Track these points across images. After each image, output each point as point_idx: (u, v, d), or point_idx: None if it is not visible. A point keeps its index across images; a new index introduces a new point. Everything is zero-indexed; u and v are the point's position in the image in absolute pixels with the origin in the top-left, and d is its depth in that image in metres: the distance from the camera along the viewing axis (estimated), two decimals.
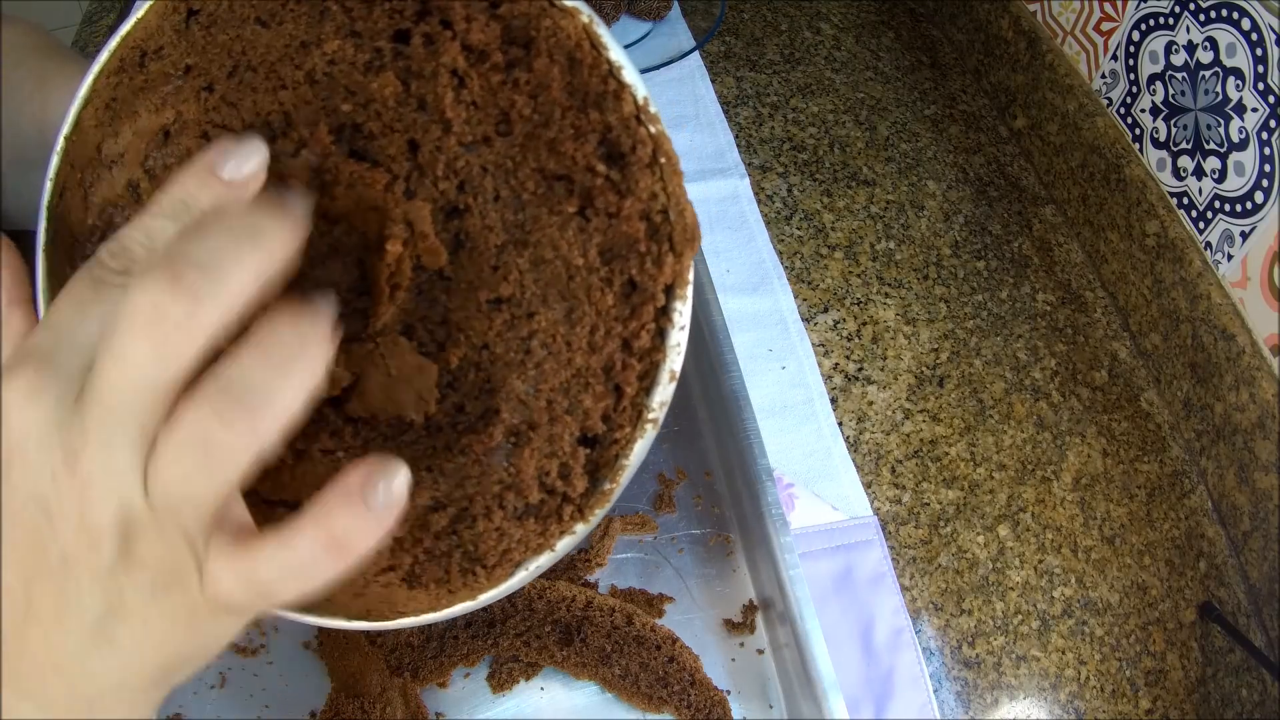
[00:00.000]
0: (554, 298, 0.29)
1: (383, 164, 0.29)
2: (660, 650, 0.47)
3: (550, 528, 0.29)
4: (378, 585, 0.31)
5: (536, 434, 0.29)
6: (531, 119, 0.28)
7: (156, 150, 0.32)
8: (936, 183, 0.76)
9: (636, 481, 0.55)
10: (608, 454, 0.29)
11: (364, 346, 0.30)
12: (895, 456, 0.60)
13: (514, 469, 0.29)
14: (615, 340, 0.29)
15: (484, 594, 0.30)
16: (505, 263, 0.29)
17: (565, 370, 0.29)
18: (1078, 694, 0.53)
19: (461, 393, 0.30)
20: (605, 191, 0.28)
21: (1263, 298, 0.58)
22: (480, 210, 0.29)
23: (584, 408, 0.29)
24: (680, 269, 0.28)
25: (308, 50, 0.30)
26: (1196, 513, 0.61)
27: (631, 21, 0.84)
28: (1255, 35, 0.56)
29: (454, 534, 0.30)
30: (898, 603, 0.54)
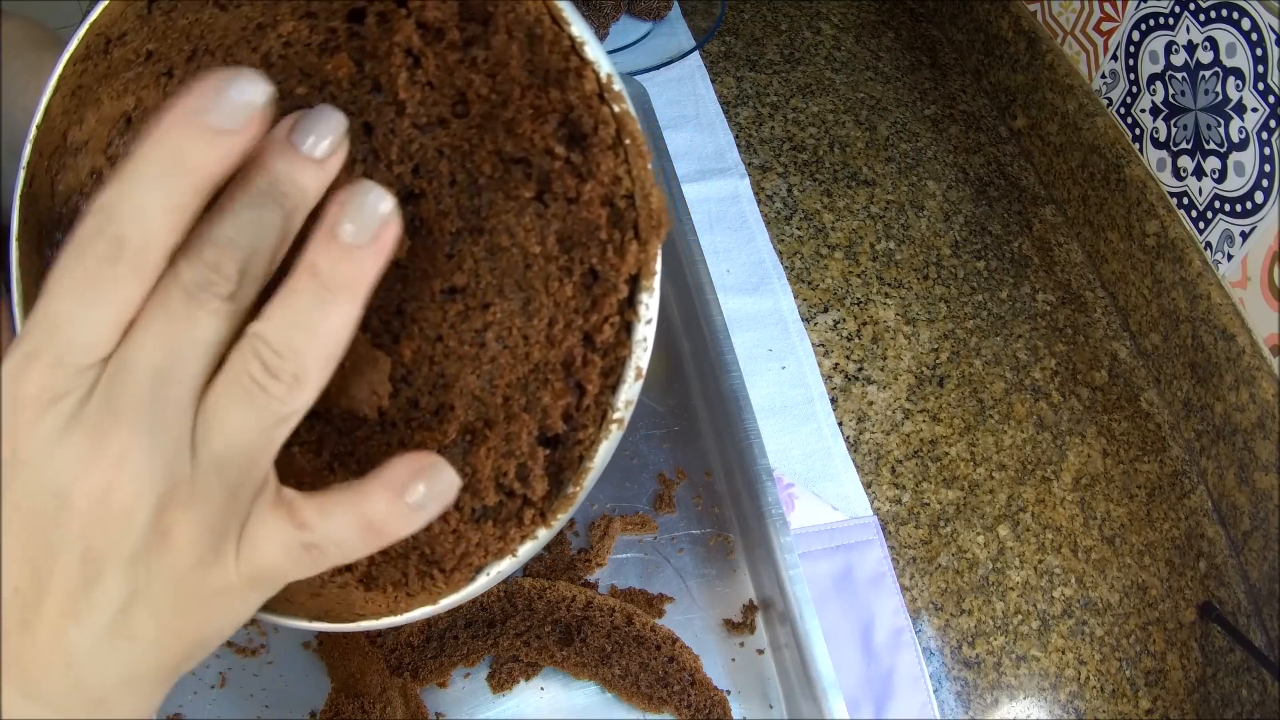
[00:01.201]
0: (510, 288, 0.27)
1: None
2: (660, 650, 0.47)
3: (510, 532, 0.28)
4: (334, 586, 0.30)
5: (493, 432, 0.28)
6: (489, 99, 0.27)
7: (119, 137, 0.31)
8: (936, 183, 0.76)
9: (636, 481, 0.55)
10: (570, 455, 0.28)
11: None
12: (895, 456, 0.60)
13: (469, 469, 0.28)
14: (575, 334, 0.27)
15: (444, 598, 0.29)
16: (460, 251, 0.27)
17: (522, 365, 0.27)
18: (1078, 694, 0.53)
19: (415, 387, 0.28)
20: (564, 175, 0.26)
21: (1263, 298, 0.58)
22: (435, 195, 0.28)
23: (543, 405, 0.27)
24: (645, 258, 0.26)
25: (264, 32, 0.29)
26: (1196, 513, 0.61)
27: (631, 21, 0.84)
28: (1255, 35, 0.56)
29: (409, 536, 0.28)
30: (898, 603, 0.54)
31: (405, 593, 0.29)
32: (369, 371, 0.29)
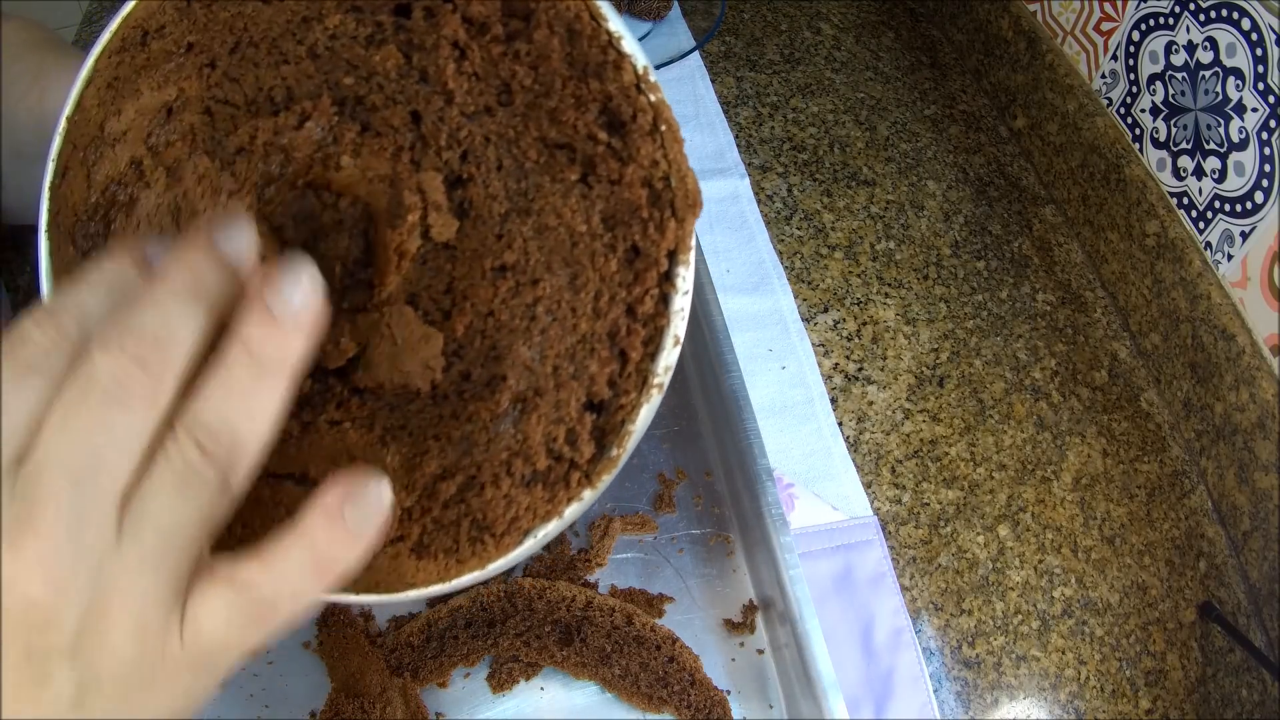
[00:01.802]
0: (558, 264, 0.29)
1: (386, 135, 0.30)
2: (660, 650, 0.47)
3: (558, 494, 0.29)
4: (386, 557, 0.31)
5: (543, 400, 0.29)
6: (532, 89, 0.29)
7: (159, 127, 0.32)
8: (936, 183, 0.76)
9: (636, 481, 0.55)
10: (614, 420, 0.29)
11: (369, 317, 0.30)
12: (895, 456, 0.60)
13: (521, 435, 0.29)
14: (620, 306, 0.29)
15: (493, 563, 0.30)
16: (509, 231, 0.29)
17: (570, 336, 0.29)
18: (1078, 694, 0.53)
19: (467, 360, 0.30)
20: (607, 159, 0.28)
21: (1263, 298, 0.58)
22: (483, 179, 0.29)
23: (590, 373, 0.29)
24: (683, 234, 0.28)
25: (309, 25, 0.30)
26: (1196, 513, 0.61)
27: (631, 21, 0.84)
28: (1255, 35, 0.56)
29: (462, 502, 0.30)
30: (898, 603, 0.54)
31: (455, 559, 0.30)
32: (421, 348, 0.30)
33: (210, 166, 0.32)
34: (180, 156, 0.32)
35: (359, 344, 0.31)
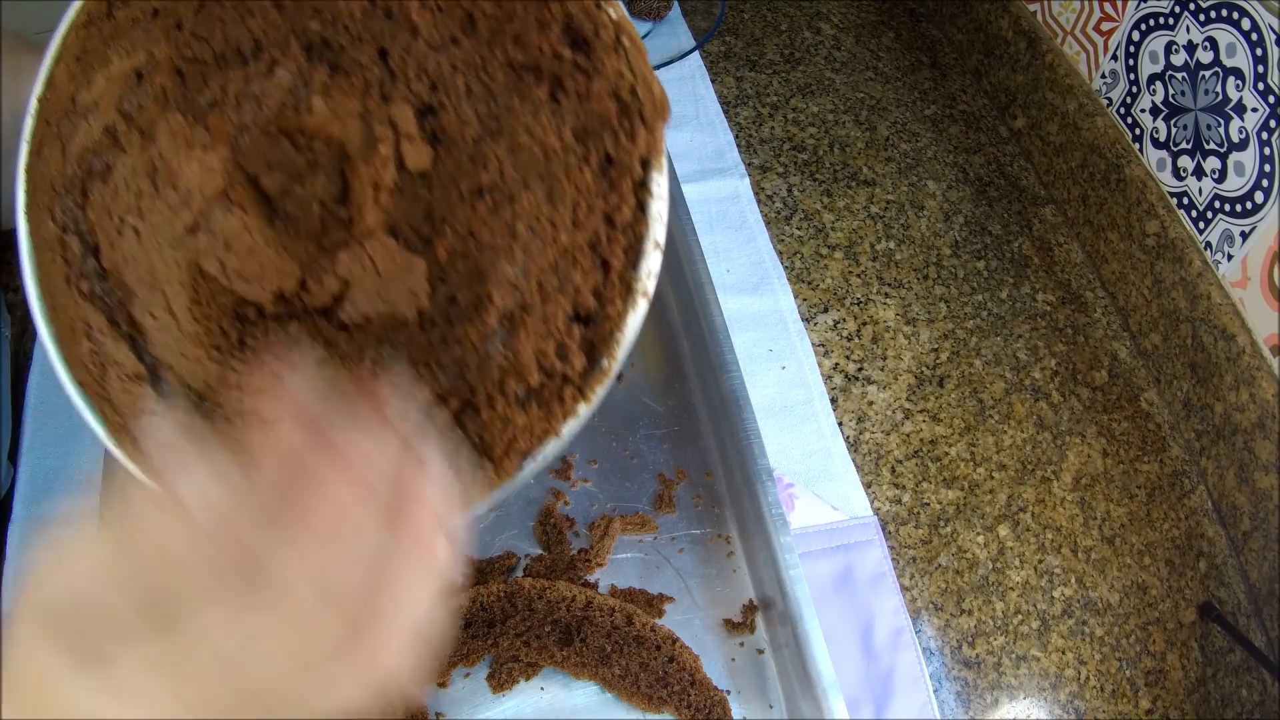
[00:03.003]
0: (534, 180, 0.29)
1: (355, 74, 0.31)
2: (660, 650, 0.47)
3: (554, 410, 0.30)
4: None
5: (530, 315, 0.30)
6: (495, 16, 0.29)
7: (131, 93, 0.32)
8: (936, 183, 0.76)
9: (636, 481, 0.55)
10: (602, 330, 0.30)
11: (351, 251, 0.31)
12: (895, 456, 0.60)
13: (512, 353, 0.30)
14: (598, 215, 0.29)
15: (495, 489, 0.30)
16: (483, 153, 0.30)
17: (552, 249, 0.29)
18: (1078, 694, 0.53)
19: (452, 284, 0.30)
20: (573, 74, 0.29)
21: (1263, 298, 0.58)
22: (454, 106, 0.30)
23: (574, 284, 0.29)
24: (654, 141, 0.29)
25: None
26: (1196, 513, 0.61)
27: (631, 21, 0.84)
28: (1255, 35, 0.56)
29: (460, 427, 0.30)
30: (898, 603, 0.54)
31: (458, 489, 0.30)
32: (405, 276, 0.30)
33: (183, 122, 0.32)
34: (153, 118, 0.32)
35: (342, 280, 0.31)
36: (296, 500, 0.24)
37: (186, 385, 0.32)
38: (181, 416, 0.32)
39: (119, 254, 0.33)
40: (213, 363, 0.32)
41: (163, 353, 0.33)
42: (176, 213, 0.32)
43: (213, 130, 0.32)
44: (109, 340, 0.33)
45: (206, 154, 0.32)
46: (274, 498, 0.25)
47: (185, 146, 0.32)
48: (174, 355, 0.32)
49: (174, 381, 0.33)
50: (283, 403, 0.27)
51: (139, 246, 0.32)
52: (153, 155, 0.32)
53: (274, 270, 0.32)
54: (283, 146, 0.31)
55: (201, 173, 0.32)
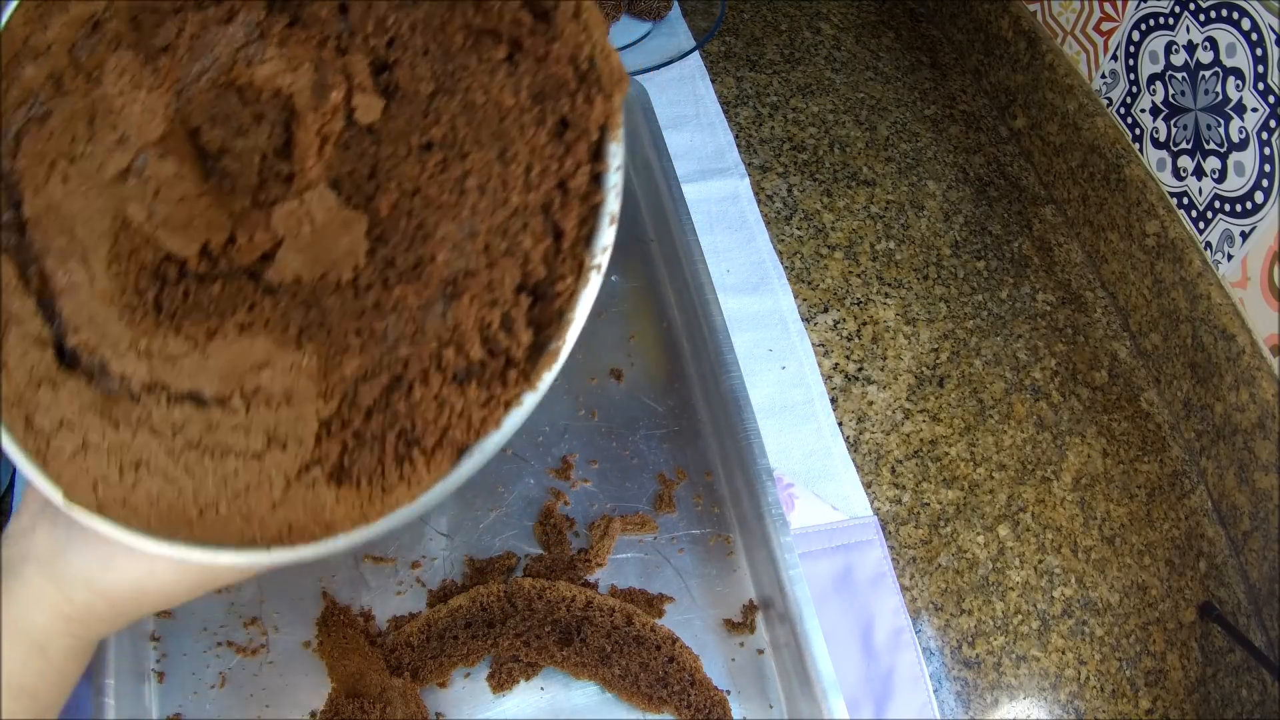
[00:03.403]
0: (487, 138, 0.29)
1: (314, 26, 0.30)
2: (660, 650, 0.47)
3: (495, 395, 0.27)
4: (301, 487, 0.28)
5: (475, 281, 0.28)
6: None
7: (85, 39, 0.32)
8: (936, 183, 0.76)
9: (636, 481, 0.55)
10: (551, 308, 0.28)
11: (288, 205, 0.29)
12: (895, 456, 0.60)
13: (452, 321, 0.28)
14: (551, 179, 0.28)
15: (423, 491, 0.27)
16: (436, 109, 0.29)
17: (502, 210, 0.28)
18: (1078, 694, 0.53)
19: (392, 244, 0.29)
20: (533, 35, 0.28)
21: (1263, 298, 0.58)
22: (410, 62, 0.29)
23: (524, 249, 0.28)
24: (610, 109, 0.28)
25: None
26: (1196, 513, 0.61)
27: (631, 21, 0.84)
28: (1255, 35, 0.56)
29: (388, 408, 0.28)
30: (898, 603, 0.54)
31: (381, 486, 0.28)
32: (342, 234, 0.29)
33: (133, 60, 0.31)
34: (103, 59, 0.31)
35: (274, 238, 0.29)
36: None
37: (91, 351, 0.30)
38: (83, 390, 0.30)
39: (43, 200, 0.31)
40: (123, 324, 0.30)
41: (71, 312, 0.30)
42: (110, 155, 0.31)
43: (161, 72, 0.31)
44: (16, 297, 0.31)
45: (151, 95, 0.31)
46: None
47: (131, 86, 0.31)
48: (82, 315, 0.30)
49: (80, 347, 0.30)
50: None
51: (64, 192, 0.31)
52: (95, 98, 0.31)
53: (203, 221, 0.30)
54: (229, 100, 0.30)
55: (142, 114, 0.31)
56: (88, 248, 0.30)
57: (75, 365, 0.30)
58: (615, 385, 0.59)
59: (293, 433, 0.28)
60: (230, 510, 0.28)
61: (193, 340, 0.30)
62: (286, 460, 0.28)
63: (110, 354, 0.30)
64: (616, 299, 0.63)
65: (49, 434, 0.30)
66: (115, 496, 0.29)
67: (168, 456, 0.29)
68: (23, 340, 0.30)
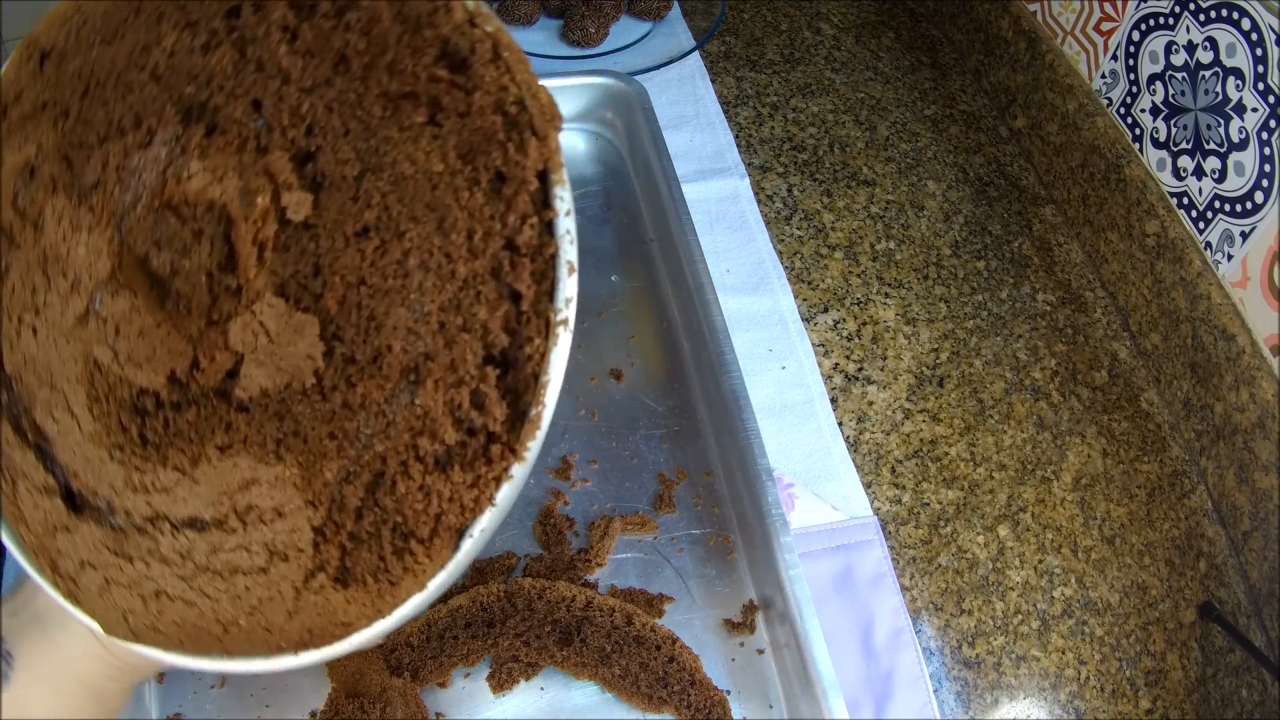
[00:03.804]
0: (421, 211, 0.27)
1: (231, 130, 0.30)
2: (660, 650, 0.47)
3: (482, 474, 0.27)
4: (310, 594, 0.29)
5: (436, 362, 0.27)
6: (368, 51, 0.28)
7: (24, 187, 0.32)
8: (936, 183, 0.76)
9: (636, 481, 0.55)
10: (523, 374, 0.27)
11: (241, 320, 0.29)
12: (895, 456, 0.60)
13: (421, 409, 0.27)
14: (497, 240, 0.27)
15: (430, 578, 0.27)
16: (365, 190, 0.28)
17: (450, 284, 0.27)
18: (1078, 694, 0.53)
19: (348, 341, 0.28)
20: (451, 92, 0.27)
21: (1263, 298, 0.58)
22: (332, 146, 0.28)
23: (480, 321, 0.27)
24: (548, 151, 0.27)
25: (149, 51, 0.30)
26: (1196, 513, 0.61)
27: (631, 21, 0.84)
28: (1255, 35, 0.56)
29: (376, 505, 0.28)
30: (898, 603, 0.54)
31: (388, 580, 0.28)
32: (297, 339, 0.28)
33: (67, 204, 0.31)
34: (42, 207, 0.31)
35: (235, 354, 0.29)
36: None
37: (94, 493, 0.31)
38: (94, 531, 0.31)
39: (19, 355, 0.31)
40: (115, 464, 0.30)
41: (67, 458, 0.31)
42: (68, 301, 0.31)
43: (96, 210, 0.31)
44: (16, 451, 0.31)
45: (92, 235, 0.30)
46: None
47: (71, 229, 0.31)
48: (78, 460, 0.31)
49: (84, 491, 0.31)
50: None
51: (37, 345, 0.31)
52: (44, 246, 0.31)
53: (165, 351, 0.30)
54: (168, 221, 0.30)
55: (88, 256, 0.30)
56: (68, 395, 0.31)
57: (83, 507, 0.31)
58: (615, 385, 0.59)
59: (290, 544, 0.29)
60: (250, 624, 0.29)
61: (180, 470, 0.30)
62: (291, 571, 0.29)
63: (110, 493, 0.30)
64: (616, 299, 0.63)
65: (74, 575, 0.31)
66: (145, 624, 0.30)
67: (182, 582, 0.30)
68: (31, 492, 0.31)
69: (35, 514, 0.31)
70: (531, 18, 0.82)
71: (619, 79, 0.70)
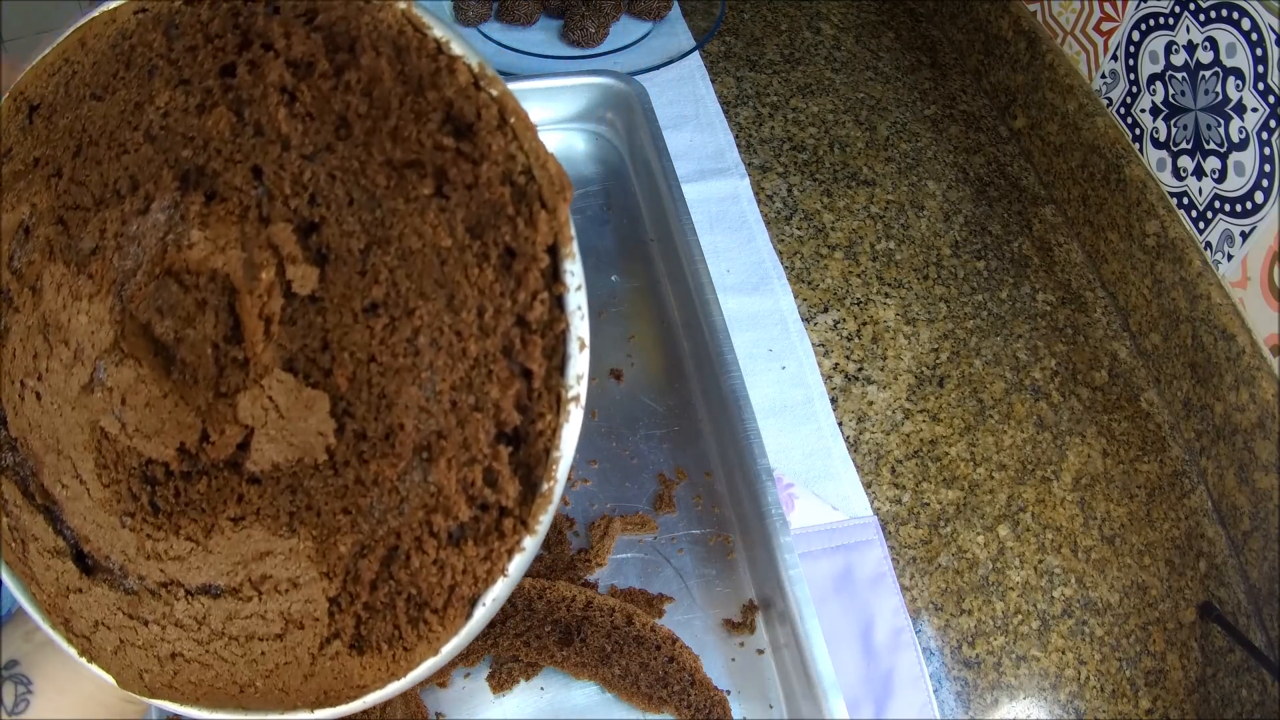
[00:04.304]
0: (430, 287, 0.27)
1: (231, 198, 0.28)
2: (660, 650, 0.47)
3: (495, 547, 0.27)
4: (326, 660, 0.29)
5: (448, 441, 0.27)
6: (370, 115, 0.27)
7: (19, 248, 0.31)
8: (936, 183, 0.76)
9: (636, 481, 0.55)
10: (535, 449, 0.27)
11: (250, 394, 0.29)
12: (895, 456, 0.60)
13: (434, 487, 0.27)
14: (507, 317, 0.26)
15: (444, 644, 0.27)
16: (372, 265, 0.27)
17: (461, 362, 0.27)
18: (1078, 694, 0.53)
19: (359, 417, 0.28)
20: (457, 163, 0.26)
21: (1263, 298, 0.58)
22: (336, 218, 0.28)
23: (492, 399, 0.26)
24: (558, 224, 0.26)
25: (142, 110, 0.29)
26: (1196, 513, 0.61)
27: (631, 21, 0.84)
28: (1255, 35, 0.56)
29: (391, 579, 0.28)
30: (898, 603, 0.54)
31: (402, 647, 0.28)
32: (307, 415, 0.28)
33: (66, 273, 0.30)
34: (40, 271, 0.31)
35: (245, 427, 0.29)
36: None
37: (106, 557, 0.31)
38: (108, 594, 0.31)
39: (24, 420, 0.31)
40: (127, 530, 0.30)
41: (78, 523, 0.31)
42: (71, 370, 0.30)
43: (96, 278, 0.30)
44: (25, 514, 0.31)
45: (93, 304, 0.30)
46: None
47: (71, 298, 0.30)
48: (88, 525, 0.31)
49: (95, 554, 0.31)
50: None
51: (41, 410, 0.31)
52: (43, 312, 0.30)
53: (173, 424, 0.30)
54: (169, 288, 0.29)
55: (90, 325, 0.30)
56: (75, 461, 0.31)
57: (94, 569, 0.31)
58: (615, 385, 0.59)
59: (306, 613, 0.29)
60: (267, 685, 0.29)
61: (192, 540, 0.30)
62: (307, 638, 0.29)
63: (122, 558, 0.31)
64: (616, 299, 0.63)
65: (88, 634, 0.31)
66: (162, 683, 0.30)
67: (198, 646, 0.30)
68: (42, 554, 0.31)
69: (47, 575, 0.31)
70: (531, 18, 0.82)
71: (619, 79, 0.70)
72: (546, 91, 0.70)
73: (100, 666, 0.31)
